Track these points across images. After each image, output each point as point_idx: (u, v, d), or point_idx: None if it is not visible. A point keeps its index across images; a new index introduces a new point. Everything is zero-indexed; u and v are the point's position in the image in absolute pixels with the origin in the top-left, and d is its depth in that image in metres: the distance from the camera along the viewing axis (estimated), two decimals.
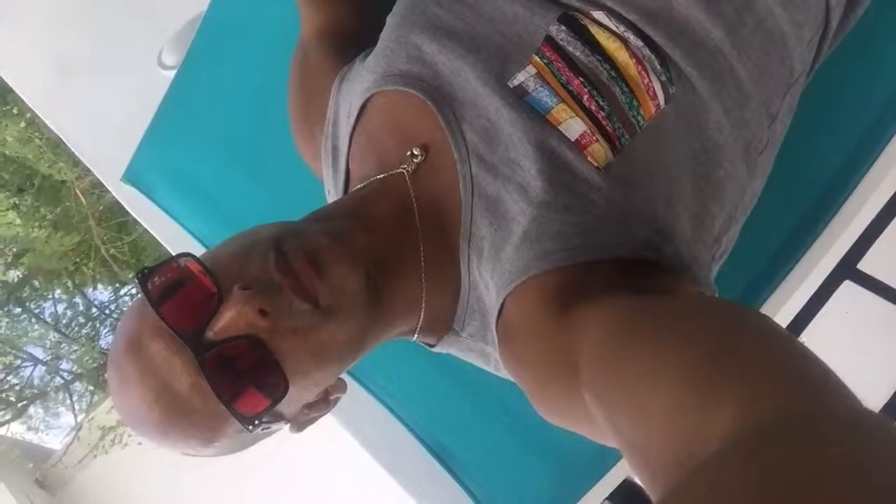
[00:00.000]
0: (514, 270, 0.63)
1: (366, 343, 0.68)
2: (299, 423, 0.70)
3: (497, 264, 0.65)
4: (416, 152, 0.71)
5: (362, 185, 0.75)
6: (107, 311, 6.36)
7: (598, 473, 1.06)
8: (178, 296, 0.60)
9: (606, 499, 1.14)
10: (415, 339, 0.74)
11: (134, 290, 6.24)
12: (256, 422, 0.61)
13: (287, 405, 0.63)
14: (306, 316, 0.60)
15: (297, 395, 0.64)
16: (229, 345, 0.58)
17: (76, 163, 4.66)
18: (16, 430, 5.98)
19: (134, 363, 0.59)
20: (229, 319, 0.57)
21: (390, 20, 0.78)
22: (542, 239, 0.62)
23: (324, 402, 0.71)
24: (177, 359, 0.57)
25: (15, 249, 5.23)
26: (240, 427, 0.60)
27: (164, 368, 0.58)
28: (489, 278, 0.66)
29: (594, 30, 0.67)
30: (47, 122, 1.91)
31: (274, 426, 0.66)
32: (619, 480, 1.11)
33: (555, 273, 0.61)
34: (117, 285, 6.11)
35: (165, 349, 0.58)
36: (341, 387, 0.72)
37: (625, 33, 0.66)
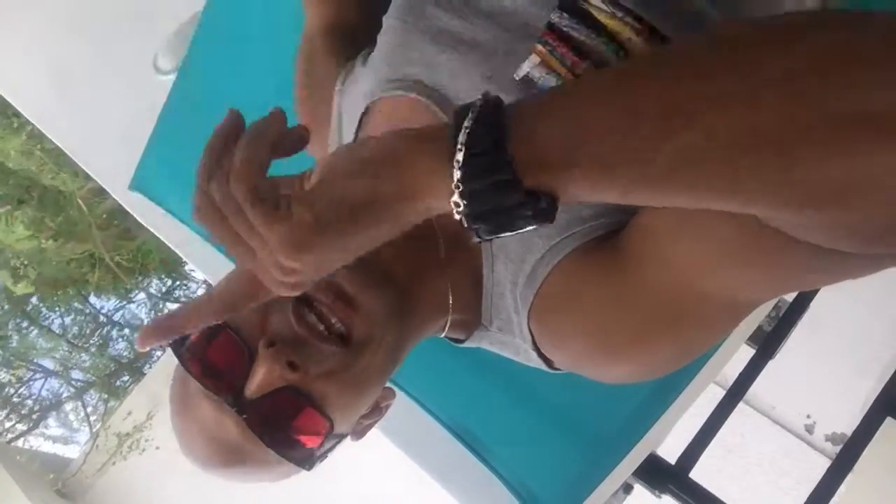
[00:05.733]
0: (551, 254, 0.63)
1: (403, 351, 0.70)
2: (358, 433, 0.73)
3: (528, 254, 0.65)
4: None
5: None
6: (114, 319, 6.38)
7: (623, 450, 1.07)
8: (214, 361, 0.62)
9: (633, 474, 1.15)
10: (444, 335, 0.75)
11: (142, 296, 6.27)
12: (311, 459, 0.64)
13: (341, 426, 0.65)
14: (337, 356, 0.61)
15: (349, 418, 0.66)
16: (269, 399, 0.60)
17: (77, 172, 4.66)
18: (34, 441, 6.04)
19: (189, 423, 0.63)
20: (262, 378, 0.59)
21: (388, 22, 0.77)
22: (585, 219, 0.63)
23: (376, 411, 0.73)
24: (225, 417, 0.60)
25: (26, 262, 5.25)
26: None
27: (215, 427, 0.61)
28: (518, 267, 0.66)
29: (597, 12, 0.67)
30: (47, 133, 1.91)
31: (334, 448, 0.69)
32: (644, 456, 1.12)
33: (592, 241, 0.62)
34: (123, 292, 6.13)
35: (213, 410, 0.60)
36: (390, 395, 0.74)
37: (624, 19, 0.66)
